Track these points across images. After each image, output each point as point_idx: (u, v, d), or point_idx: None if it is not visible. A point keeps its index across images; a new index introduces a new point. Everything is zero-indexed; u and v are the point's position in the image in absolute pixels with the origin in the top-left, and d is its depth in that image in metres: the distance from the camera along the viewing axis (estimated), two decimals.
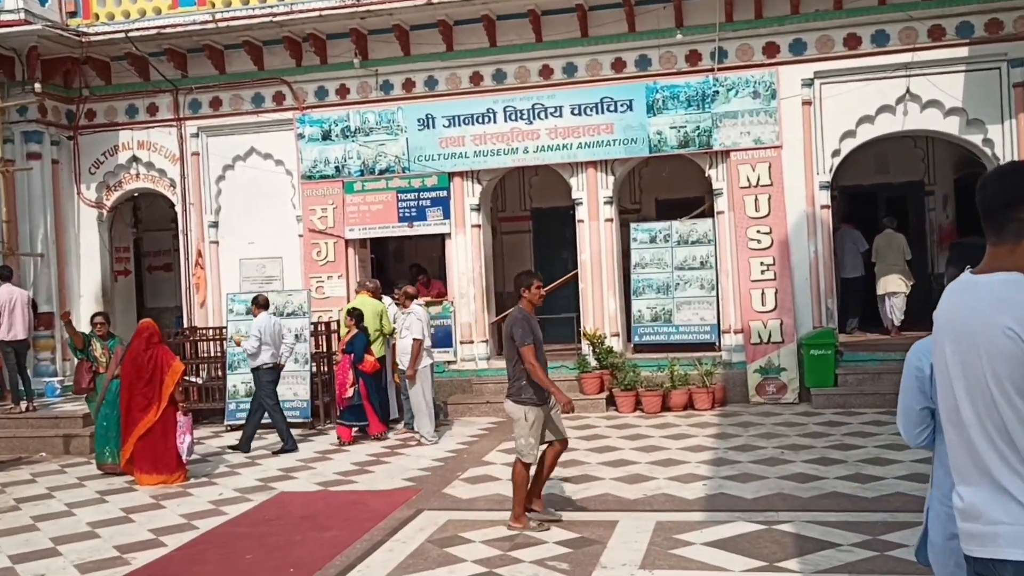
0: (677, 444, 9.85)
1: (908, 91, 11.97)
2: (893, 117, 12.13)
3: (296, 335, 12.39)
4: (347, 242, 13.54)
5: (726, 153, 12.47)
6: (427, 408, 10.72)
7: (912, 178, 15.25)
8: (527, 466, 6.90)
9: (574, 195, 13.02)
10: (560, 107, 12.80)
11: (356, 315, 11.02)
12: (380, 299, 12.17)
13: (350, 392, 10.71)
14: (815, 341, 11.82)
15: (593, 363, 12.55)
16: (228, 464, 10.06)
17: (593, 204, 12.91)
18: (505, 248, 16.43)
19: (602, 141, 12.70)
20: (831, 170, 12.33)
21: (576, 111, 12.75)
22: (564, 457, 9.47)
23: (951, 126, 11.96)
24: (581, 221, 13.01)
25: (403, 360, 10.85)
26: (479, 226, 13.32)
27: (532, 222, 16.60)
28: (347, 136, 13.43)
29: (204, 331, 13.39)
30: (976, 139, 11.89)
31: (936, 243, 15.16)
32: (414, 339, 10.62)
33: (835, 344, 11.84)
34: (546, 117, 12.85)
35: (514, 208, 16.70)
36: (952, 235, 15.10)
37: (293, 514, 7.83)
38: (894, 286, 14.01)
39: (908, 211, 15.28)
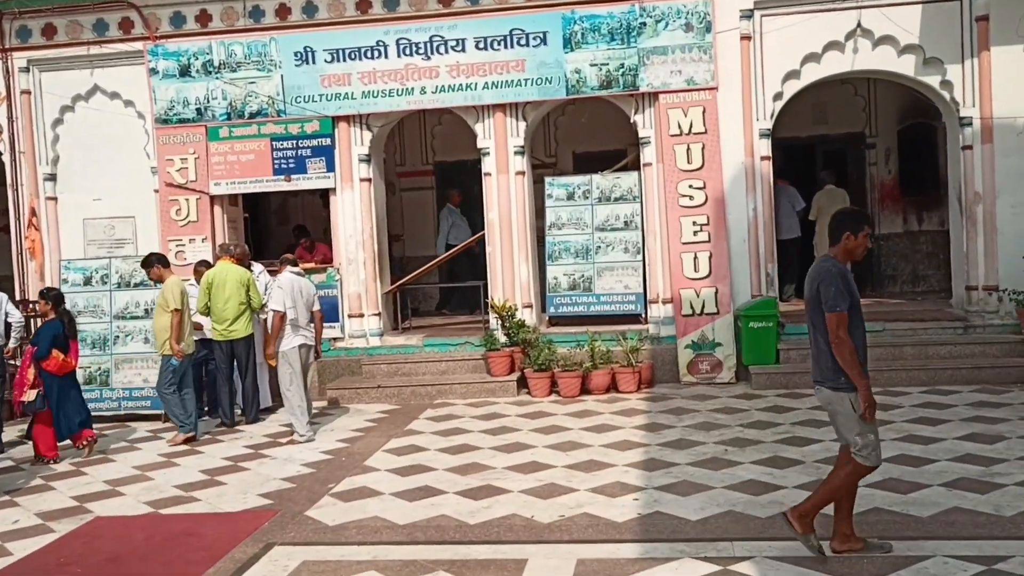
0: (600, 439, 8.22)
1: (859, 25, 10.44)
2: (842, 56, 10.61)
3: (147, 310, 10.37)
4: (212, 199, 11.46)
5: (654, 95, 10.79)
6: (298, 399, 8.87)
7: (852, 129, 13.85)
8: (868, 470, 5.09)
9: (480, 143, 11.19)
10: (463, 40, 10.91)
11: (53, 296, 8.72)
12: (249, 267, 10.21)
13: (30, 395, 8.35)
14: (754, 312, 10.31)
15: (502, 339, 10.84)
16: (49, 473, 8.05)
17: (502, 154, 11.10)
18: (405, 207, 14.54)
19: (512, 81, 10.88)
20: (772, 116, 10.77)
21: (481, 45, 10.88)
22: (463, 459, 7.80)
23: (906, 66, 10.50)
24: (488, 174, 11.20)
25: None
26: (369, 180, 11.39)
27: (435, 177, 14.74)
28: (210, 72, 11.30)
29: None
30: (933, 81, 10.46)
31: (878, 201, 13.83)
32: (274, 311, 8.77)
33: (777, 316, 10.36)
34: (446, 52, 10.95)
35: (415, 162, 14.80)
36: (895, 191, 13.79)
37: (99, 553, 5.92)
38: None
39: (847, 165, 13.89)
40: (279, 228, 15.00)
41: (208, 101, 11.32)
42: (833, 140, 13.92)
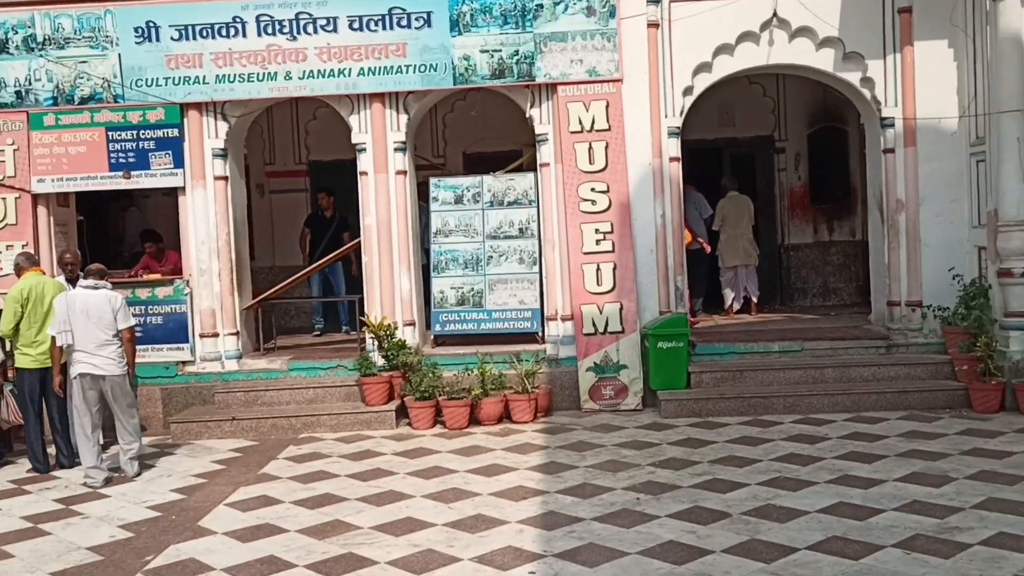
0: (490, 484, 6.93)
1: (775, 15, 9.49)
2: (757, 48, 9.64)
3: None
4: (36, 198, 9.72)
5: (552, 87, 9.61)
6: (83, 437, 7.38)
7: (761, 132, 13.01)
8: None
9: (355, 138, 9.79)
10: (334, 19, 9.50)
11: None
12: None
13: None
14: (663, 331, 9.22)
15: (379, 362, 9.45)
16: None
17: (380, 151, 9.73)
18: (275, 211, 12.99)
19: (391, 67, 9.52)
20: (682, 112, 9.73)
21: (356, 25, 9.50)
22: (323, 515, 6.38)
23: (824, 61, 9.61)
24: (364, 173, 9.80)
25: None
26: (226, 178, 9.86)
27: (309, 178, 13.23)
28: (32, 49, 9.56)
29: None
30: (853, 78, 9.60)
31: (787, 209, 13.02)
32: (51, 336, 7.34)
33: (688, 335, 9.30)
34: (315, 32, 9.52)
35: (286, 160, 13.28)
36: (805, 199, 13.00)
37: None
38: (745, 257, 11.78)
39: (756, 171, 13.04)
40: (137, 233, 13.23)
41: (30, 83, 9.59)
42: (741, 143, 13.05)
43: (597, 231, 9.50)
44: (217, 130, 9.74)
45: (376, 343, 9.50)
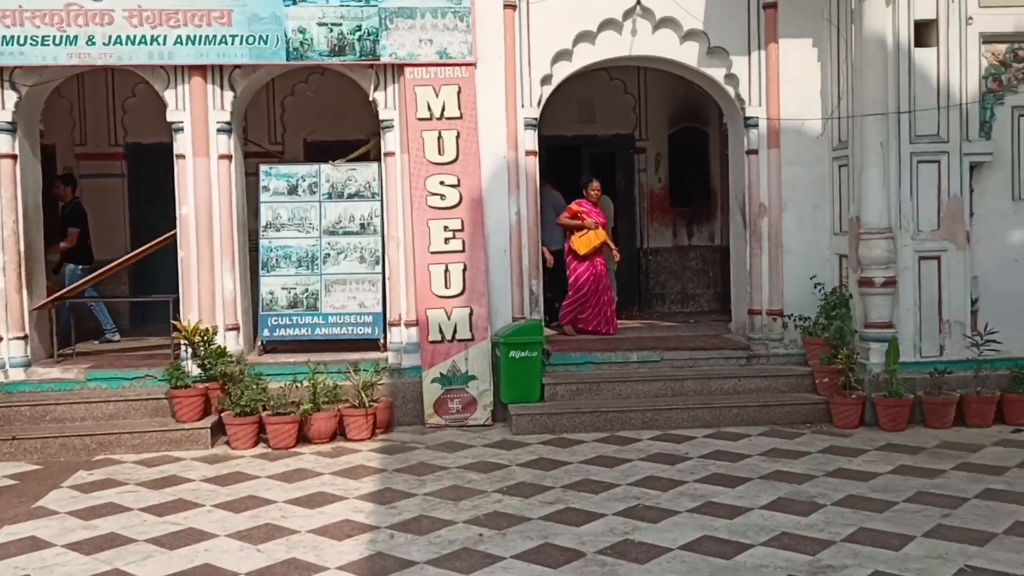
0: (311, 519, 5.96)
1: (639, 3, 8.91)
2: (619, 37, 9.03)
3: None
4: None
5: (399, 68, 8.71)
6: None
7: (621, 131, 12.48)
8: None
9: (171, 116, 8.61)
10: None
11: None
12: None
13: None
14: (516, 339, 8.47)
15: (195, 372, 8.30)
16: None
17: (200, 131, 8.58)
18: (87, 197, 11.51)
19: (214, 37, 8.39)
20: (540, 103, 9.01)
21: None
22: (99, 565, 5.18)
23: (688, 55, 9.09)
24: (181, 156, 8.63)
25: None
26: (14, 157, 8.48)
27: (127, 162, 11.84)
28: None
29: None
30: (717, 74, 9.12)
31: (647, 211, 12.54)
32: None
33: (543, 343, 8.58)
34: None
35: (100, 142, 11.82)
36: (665, 202, 12.56)
37: None
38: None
39: (616, 170, 12.50)
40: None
41: None
42: (601, 142, 12.48)
43: (446, 228, 8.65)
44: (3, 100, 8.35)
45: (189, 349, 8.34)
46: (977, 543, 5.18)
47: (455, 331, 8.57)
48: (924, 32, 8.29)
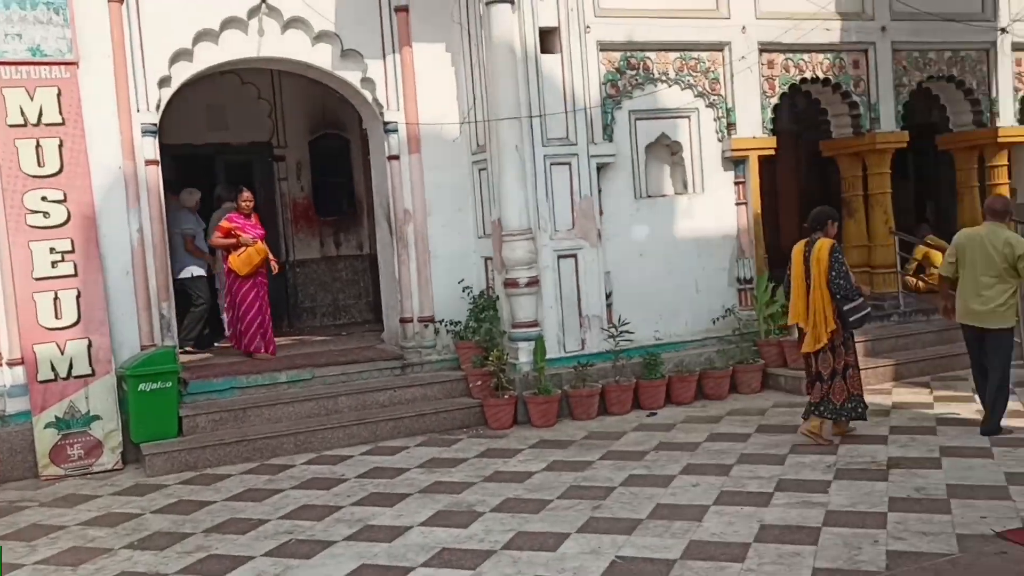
0: None
1: (264, 1, 8.36)
2: (246, 37, 8.42)
3: None
4: None
5: None
6: None
7: (258, 138, 11.78)
8: None
9: None
10: None
11: None
12: None
13: None
14: (145, 369, 7.56)
15: None
16: None
17: None
18: None
19: None
20: (159, 107, 8.14)
21: None
22: None
23: (321, 57, 8.71)
24: None
25: None
26: None
27: None
28: None
29: None
30: (353, 78, 8.83)
31: (291, 222, 11.96)
32: None
33: (177, 371, 7.74)
34: None
35: None
36: (310, 211, 12.05)
37: None
38: None
39: (255, 180, 11.76)
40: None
41: None
42: (236, 150, 11.70)
43: (53, 250, 7.52)
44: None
45: None
46: (625, 532, 5.30)
47: (71, 367, 7.47)
48: (549, 39, 8.58)
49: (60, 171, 7.57)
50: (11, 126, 7.46)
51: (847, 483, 5.92)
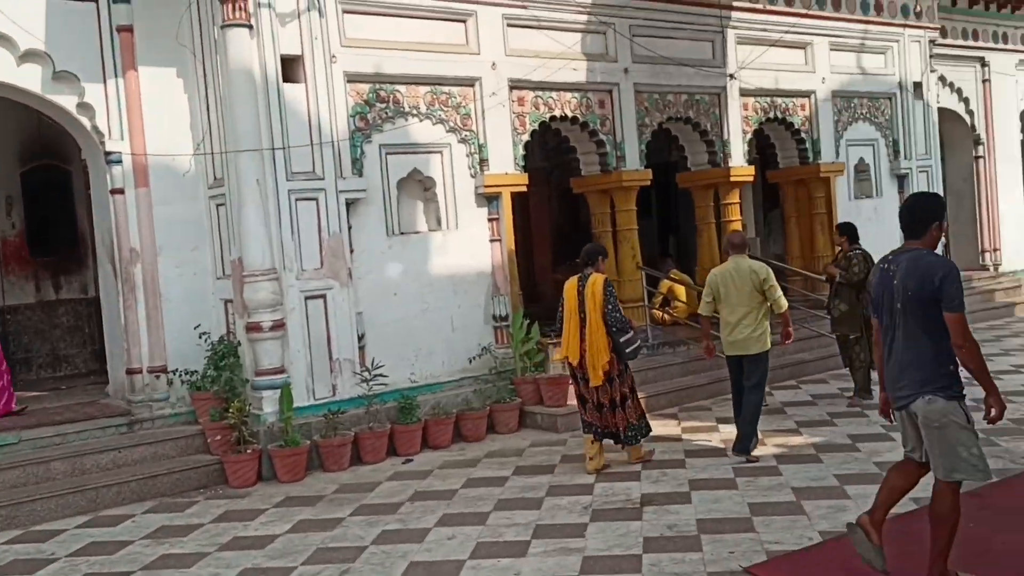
0: None
1: None
2: None
3: None
4: None
5: None
6: None
7: None
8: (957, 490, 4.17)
9: None
10: None
11: None
12: None
13: None
14: None
15: None
16: None
17: None
18: None
19: None
20: None
21: None
22: None
23: (30, 79, 7.77)
24: None
25: None
26: None
27: None
28: None
29: None
30: (68, 103, 7.95)
31: (2, 263, 10.57)
32: None
33: None
34: None
35: None
36: (23, 251, 10.72)
37: None
38: None
39: None
40: None
41: None
42: None
43: None
44: None
45: None
46: None
47: None
48: (292, 67, 8.10)
49: None
50: None
51: (603, 524, 5.82)
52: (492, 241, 9.27)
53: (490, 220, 9.26)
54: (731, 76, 11.06)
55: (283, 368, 7.90)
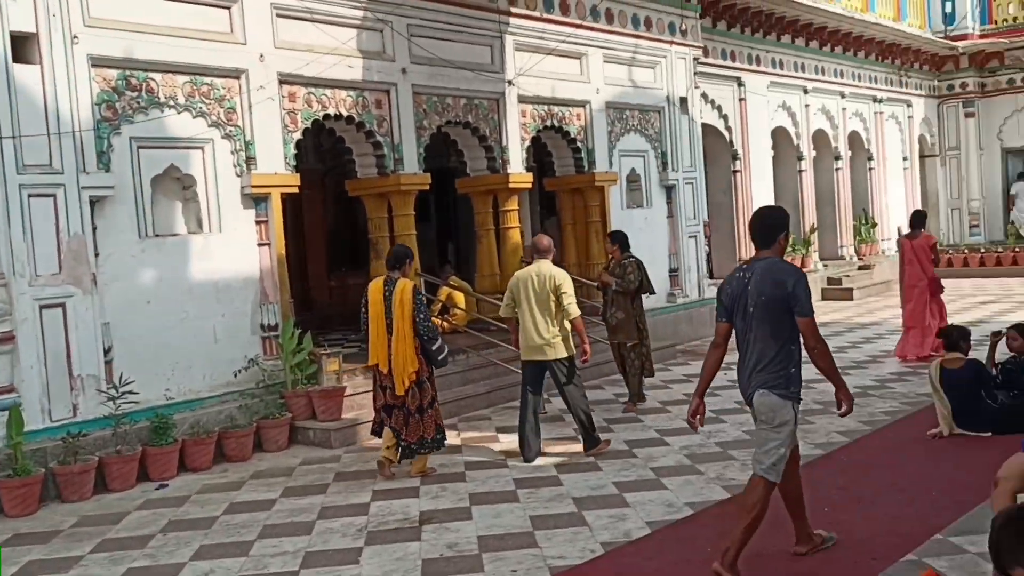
0: None
1: None
2: None
3: None
4: None
5: None
6: None
7: None
8: (771, 488, 4.44)
9: None
10: None
11: None
12: None
13: None
14: None
15: None
16: None
17: None
18: None
19: None
20: None
21: None
22: None
23: None
24: None
25: None
26: None
27: None
28: None
29: None
30: None
31: None
32: None
33: None
34: None
35: None
36: None
37: None
38: None
39: None
40: None
41: None
42: None
43: None
44: None
45: None
46: None
47: None
48: (26, 46, 7.15)
49: None
50: None
51: (379, 548, 5.43)
52: (260, 245, 8.63)
53: (258, 223, 8.62)
54: (509, 82, 11.00)
55: (12, 387, 6.92)
